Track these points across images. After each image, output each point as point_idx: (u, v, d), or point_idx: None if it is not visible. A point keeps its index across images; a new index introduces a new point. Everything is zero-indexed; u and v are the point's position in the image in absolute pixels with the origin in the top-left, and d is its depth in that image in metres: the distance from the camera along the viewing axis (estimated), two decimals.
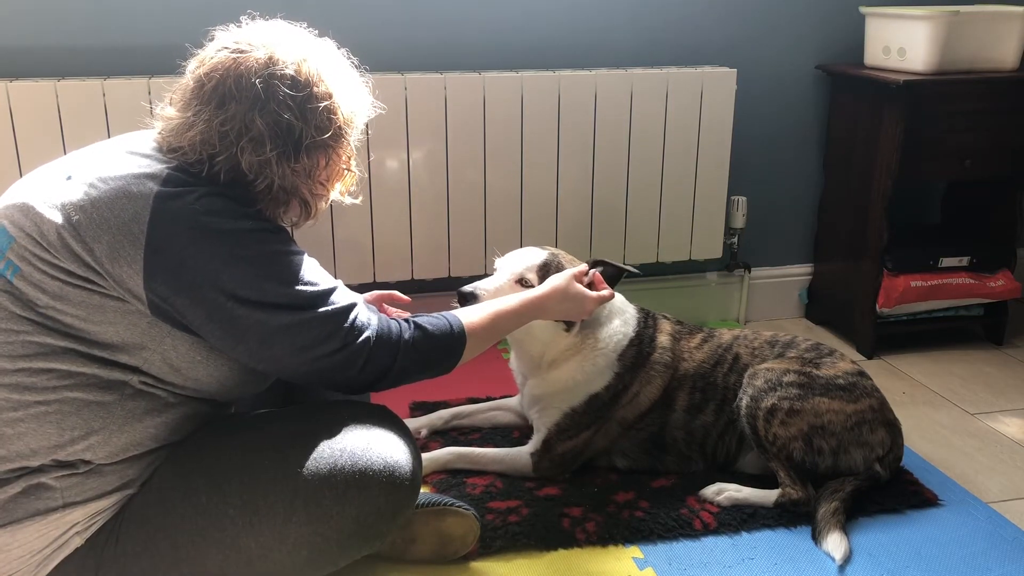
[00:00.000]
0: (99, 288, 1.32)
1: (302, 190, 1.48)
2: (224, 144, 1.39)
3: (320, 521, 1.41)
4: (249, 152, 1.39)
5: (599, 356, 2.05)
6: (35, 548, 1.33)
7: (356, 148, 1.56)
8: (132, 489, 1.40)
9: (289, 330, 1.37)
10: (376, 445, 1.48)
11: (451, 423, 2.29)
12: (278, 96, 1.39)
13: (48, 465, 1.33)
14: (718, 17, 2.84)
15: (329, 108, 1.45)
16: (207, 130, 1.39)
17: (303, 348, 1.39)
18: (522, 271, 1.98)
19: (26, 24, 2.37)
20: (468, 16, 2.66)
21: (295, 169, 1.44)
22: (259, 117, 1.39)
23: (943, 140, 2.72)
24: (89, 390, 1.34)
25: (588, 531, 1.87)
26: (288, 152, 1.42)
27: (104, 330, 1.34)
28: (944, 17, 2.59)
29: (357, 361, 1.42)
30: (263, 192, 1.44)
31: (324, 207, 1.56)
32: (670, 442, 2.09)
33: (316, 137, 1.43)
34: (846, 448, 1.96)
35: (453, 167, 2.60)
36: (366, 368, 1.43)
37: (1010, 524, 1.96)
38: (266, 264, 1.38)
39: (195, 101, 1.41)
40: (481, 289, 1.93)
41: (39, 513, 1.33)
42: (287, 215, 1.52)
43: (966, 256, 2.86)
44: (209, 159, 1.40)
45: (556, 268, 1.99)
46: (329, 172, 1.51)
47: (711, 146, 2.79)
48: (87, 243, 1.31)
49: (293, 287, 1.38)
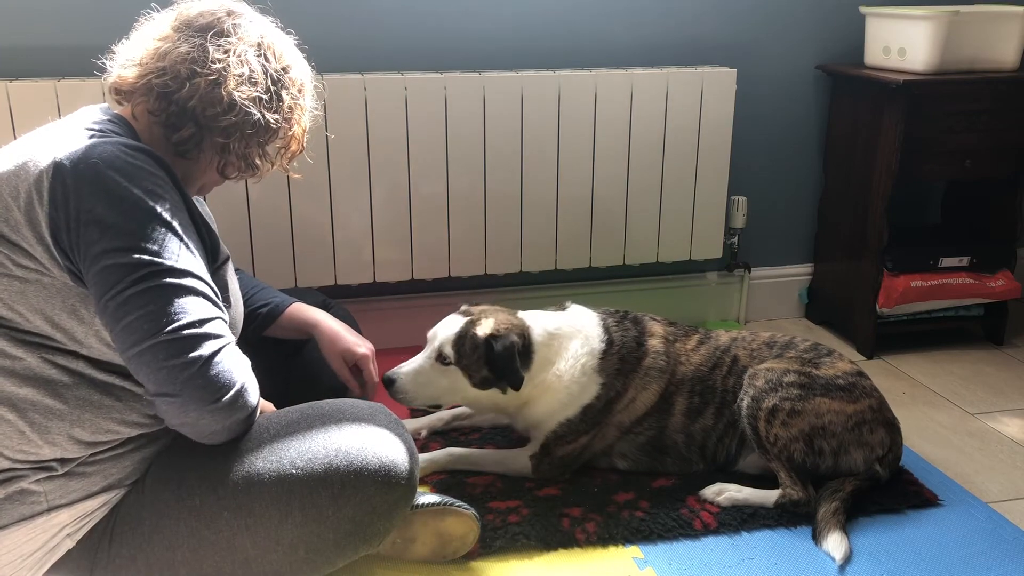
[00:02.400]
0: (18, 272, 1.29)
1: (254, 148, 1.49)
2: (212, 71, 1.39)
3: (316, 521, 1.40)
4: (234, 86, 1.41)
5: (571, 384, 2.02)
6: (25, 552, 1.32)
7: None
8: (121, 489, 1.39)
9: (143, 322, 1.25)
10: (371, 444, 1.47)
11: (451, 424, 2.29)
12: (269, 52, 1.46)
13: (23, 468, 1.31)
14: (718, 17, 2.84)
15: (300, 87, 1.53)
16: (197, 51, 1.40)
17: (138, 339, 1.25)
18: (439, 346, 1.96)
19: (26, 24, 2.37)
20: (468, 16, 2.66)
21: (268, 121, 1.45)
22: (255, 59, 1.43)
23: (943, 140, 2.72)
24: (37, 384, 1.31)
25: (588, 531, 1.87)
26: (269, 101, 1.45)
27: (32, 318, 1.31)
28: (944, 17, 2.59)
29: (181, 376, 1.25)
30: (221, 132, 1.43)
31: (267, 173, 1.56)
32: (670, 445, 2.08)
33: (293, 100, 1.49)
34: (846, 448, 1.96)
35: (453, 167, 2.60)
36: (186, 391, 1.26)
37: (1010, 524, 1.96)
38: (146, 235, 1.28)
39: (186, 29, 1.43)
40: (401, 375, 1.94)
41: (25, 518, 1.31)
42: (229, 166, 1.50)
43: (966, 256, 2.86)
44: (182, 82, 1.39)
45: (470, 340, 1.95)
46: (287, 141, 1.55)
47: (711, 146, 2.79)
48: (7, 212, 1.29)
49: (157, 256, 1.28)
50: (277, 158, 1.57)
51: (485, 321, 1.99)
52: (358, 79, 2.47)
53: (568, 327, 2.07)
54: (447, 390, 1.98)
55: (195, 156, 1.47)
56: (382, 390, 1.91)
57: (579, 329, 2.07)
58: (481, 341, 1.95)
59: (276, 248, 2.52)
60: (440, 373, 1.96)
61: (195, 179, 1.53)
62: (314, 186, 2.50)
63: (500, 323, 1.98)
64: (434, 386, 1.97)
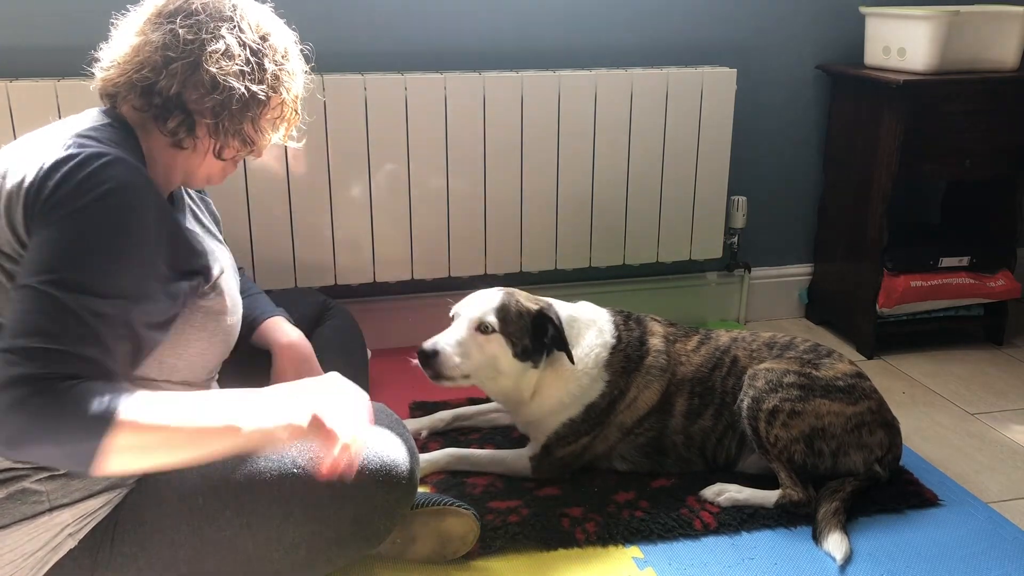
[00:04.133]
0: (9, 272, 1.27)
1: (247, 125, 1.45)
2: (186, 52, 1.37)
3: (317, 521, 1.41)
4: (213, 63, 1.37)
5: (582, 376, 2.03)
6: (27, 551, 1.32)
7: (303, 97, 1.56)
8: (123, 488, 1.39)
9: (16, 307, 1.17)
10: (372, 443, 1.47)
11: (452, 424, 2.29)
12: (243, 23, 1.42)
13: (23, 468, 1.31)
14: (718, 17, 2.84)
15: (284, 52, 1.48)
16: (168, 38, 1.37)
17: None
18: (480, 316, 1.95)
19: (26, 24, 2.37)
20: (468, 16, 2.65)
21: (254, 93, 1.41)
22: (227, 32, 1.39)
23: (943, 140, 2.72)
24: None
25: (588, 531, 1.87)
26: (252, 72, 1.41)
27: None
28: (944, 17, 2.59)
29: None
30: (209, 113, 1.39)
31: (264, 146, 1.53)
32: (669, 446, 2.08)
33: (277, 67, 1.45)
34: (846, 450, 1.96)
35: (453, 167, 2.60)
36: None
37: (1010, 524, 1.96)
38: (79, 248, 1.21)
39: (156, 18, 1.40)
40: (443, 345, 1.91)
41: (26, 517, 1.31)
42: (227, 148, 1.46)
43: (966, 256, 2.86)
44: (159, 71, 1.36)
45: (515, 308, 1.97)
46: (281, 109, 1.50)
47: (711, 146, 2.79)
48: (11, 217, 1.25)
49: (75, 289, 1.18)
50: (272, 129, 1.52)
51: (519, 293, 2.02)
52: (358, 79, 2.47)
53: (584, 317, 2.09)
54: (485, 361, 1.95)
55: (191, 145, 1.43)
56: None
57: (594, 320, 2.10)
58: (530, 312, 1.98)
59: (276, 248, 2.52)
60: (480, 343, 1.95)
61: (197, 171, 1.49)
62: (314, 186, 2.50)
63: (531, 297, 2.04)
64: (473, 358, 1.94)
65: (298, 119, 1.57)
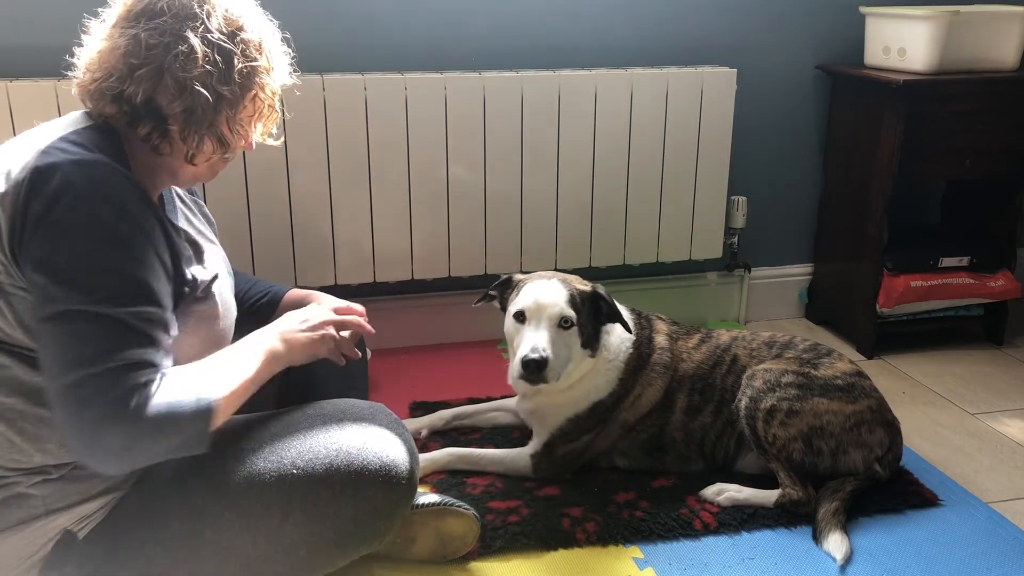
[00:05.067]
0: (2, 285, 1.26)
1: (221, 125, 1.41)
2: (149, 58, 1.33)
3: (317, 521, 1.40)
4: (177, 68, 1.34)
5: (611, 369, 2.05)
6: (23, 555, 1.32)
7: (279, 92, 1.51)
8: (121, 491, 1.38)
9: (62, 338, 1.21)
10: (372, 444, 1.47)
11: (452, 423, 2.29)
12: (210, 20, 1.37)
13: (16, 475, 1.30)
14: (718, 17, 2.84)
15: (258, 46, 1.43)
16: (131, 44, 1.33)
17: (70, 363, 1.20)
18: (560, 311, 1.92)
19: (26, 24, 2.37)
20: (468, 16, 2.65)
21: (222, 94, 1.38)
22: (191, 33, 1.35)
23: (943, 140, 2.72)
24: (17, 393, 1.28)
25: (588, 531, 1.87)
26: (219, 73, 1.37)
27: (15, 326, 1.27)
28: (944, 17, 2.59)
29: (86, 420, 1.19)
30: (178, 119, 1.36)
31: (242, 147, 1.49)
32: (669, 443, 2.09)
33: (247, 64, 1.40)
34: (845, 449, 1.96)
35: (453, 167, 2.60)
36: (97, 429, 1.20)
37: (1010, 524, 1.96)
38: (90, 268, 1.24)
39: (122, 22, 1.37)
40: (545, 352, 1.86)
41: (23, 522, 1.31)
42: (199, 153, 1.42)
43: (966, 256, 2.86)
44: (125, 79, 1.33)
45: (578, 295, 1.96)
46: (255, 107, 1.46)
47: (711, 146, 2.79)
48: None
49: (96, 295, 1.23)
50: (251, 127, 1.48)
51: (568, 277, 2.02)
52: (358, 79, 2.47)
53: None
54: (567, 356, 1.95)
55: (168, 150, 1.40)
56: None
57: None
58: (589, 294, 1.98)
59: (276, 248, 2.52)
60: (565, 339, 1.93)
61: (181, 171, 1.46)
62: (314, 186, 2.50)
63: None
64: (561, 355, 1.92)
65: (276, 116, 1.53)
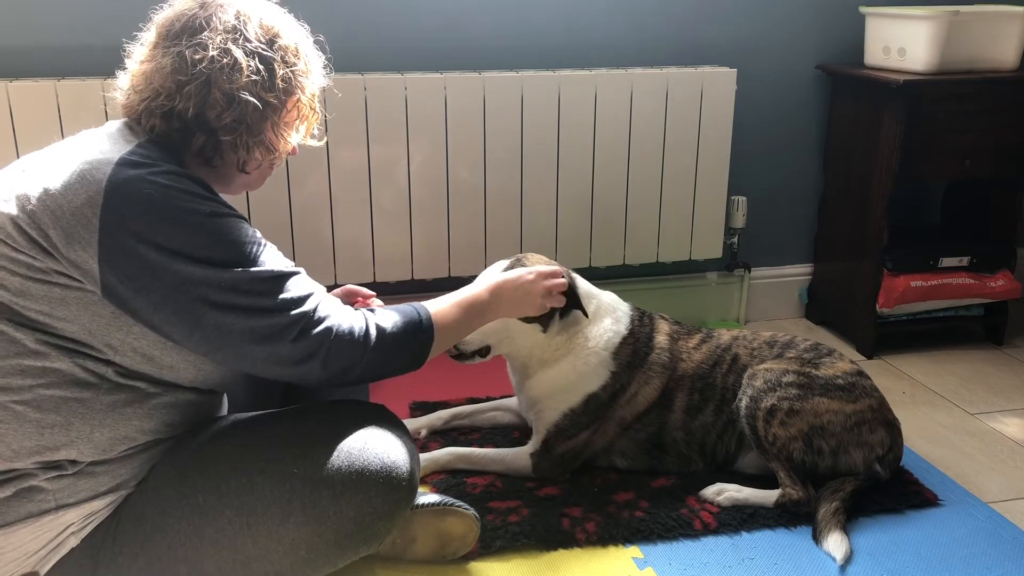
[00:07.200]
0: (60, 280, 1.30)
1: (268, 132, 1.47)
2: (196, 73, 1.38)
3: (317, 522, 1.41)
4: (224, 80, 1.39)
5: (591, 355, 2.05)
6: (30, 550, 1.33)
7: (318, 93, 1.57)
8: (127, 489, 1.40)
9: (248, 316, 1.33)
10: (373, 445, 1.47)
11: (451, 423, 2.29)
12: (248, 31, 1.42)
13: (35, 467, 1.32)
14: (718, 17, 2.84)
15: (295, 51, 1.49)
16: (177, 61, 1.38)
17: (262, 337, 1.34)
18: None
19: (26, 24, 2.37)
20: (468, 16, 2.66)
21: (268, 101, 1.43)
22: (233, 45, 1.40)
23: (943, 140, 2.72)
24: (65, 387, 1.32)
25: (588, 531, 1.87)
26: (263, 81, 1.42)
27: (70, 325, 1.31)
28: (944, 17, 2.59)
29: (318, 353, 1.37)
30: (228, 129, 1.42)
31: (287, 150, 1.55)
32: (669, 442, 2.09)
33: (288, 69, 1.46)
34: (846, 448, 1.96)
35: (453, 167, 2.60)
36: (329, 361, 1.38)
37: (1010, 524, 1.96)
38: (223, 249, 1.34)
39: (163, 42, 1.42)
40: None
41: (32, 515, 1.32)
42: (250, 161, 1.49)
43: (966, 256, 2.86)
44: (174, 96, 1.38)
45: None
46: (298, 110, 1.52)
47: (711, 146, 2.79)
48: (43, 230, 1.29)
49: (250, 272, 1.35)
50: (294, 131, 1.54)
51: (534, 256, 2.08)
52: (358, 79, 2.47)
53: (606, 303, 2.12)
54: (495, 328, 1.96)
55: (220, 161, 1.46)
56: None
57: (615, 308, 2.12)
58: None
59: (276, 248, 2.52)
60: None
61: (235, 181, 1.53)
62: (314, 186, 2.50)
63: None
64: (486, 329, 1.94)
65: (317, 116, 1.58)
